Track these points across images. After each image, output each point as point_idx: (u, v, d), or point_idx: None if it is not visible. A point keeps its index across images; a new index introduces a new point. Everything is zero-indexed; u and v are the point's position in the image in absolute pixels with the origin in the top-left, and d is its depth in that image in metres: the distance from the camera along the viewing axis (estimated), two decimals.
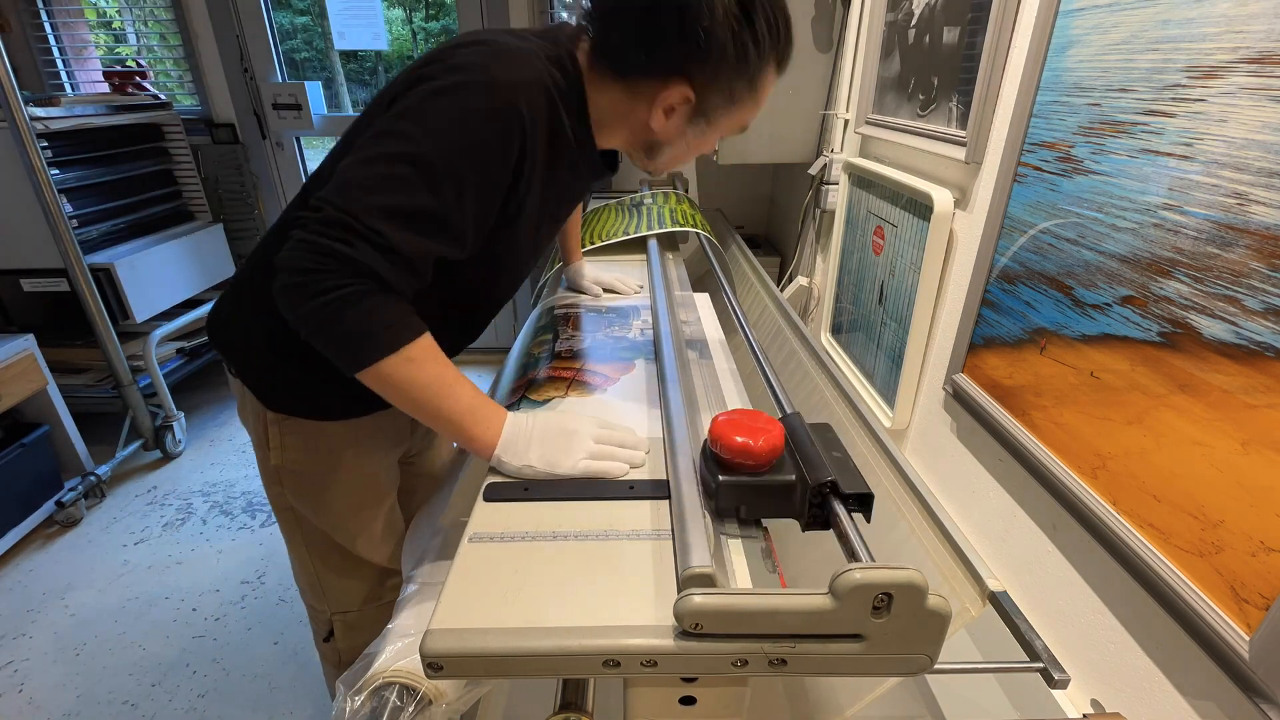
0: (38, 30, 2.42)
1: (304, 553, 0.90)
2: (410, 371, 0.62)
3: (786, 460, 0.60)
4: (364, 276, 0.58)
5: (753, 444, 0.56)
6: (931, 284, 1.04)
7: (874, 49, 1.28)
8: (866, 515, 0.58)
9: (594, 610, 0.50)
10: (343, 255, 0.57)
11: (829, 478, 0.56)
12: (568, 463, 0.65)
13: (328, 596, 0.94)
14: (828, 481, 0.56)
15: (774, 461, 0.58)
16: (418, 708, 0.58)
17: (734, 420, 0.59)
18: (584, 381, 0.85)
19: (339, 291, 0.58)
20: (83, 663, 1.48)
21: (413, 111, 0.61)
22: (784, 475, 0.58)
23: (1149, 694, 0.65)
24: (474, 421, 0.65)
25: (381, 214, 0.58)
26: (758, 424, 0.59)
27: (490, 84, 0.61)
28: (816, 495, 0.57)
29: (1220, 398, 0.56)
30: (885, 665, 0.46)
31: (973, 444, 0.97)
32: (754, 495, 0.58)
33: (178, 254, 2.31)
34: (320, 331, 0.60)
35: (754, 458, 0.57)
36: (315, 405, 0.80)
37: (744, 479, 0.58)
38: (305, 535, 0.89)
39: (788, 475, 0.58)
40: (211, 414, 2.54)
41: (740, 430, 0.57)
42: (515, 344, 1.06)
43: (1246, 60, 0.54)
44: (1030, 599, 0.84)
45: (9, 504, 1.77)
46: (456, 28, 2.44)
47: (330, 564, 0.91)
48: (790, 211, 2.03)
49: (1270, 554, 0.51)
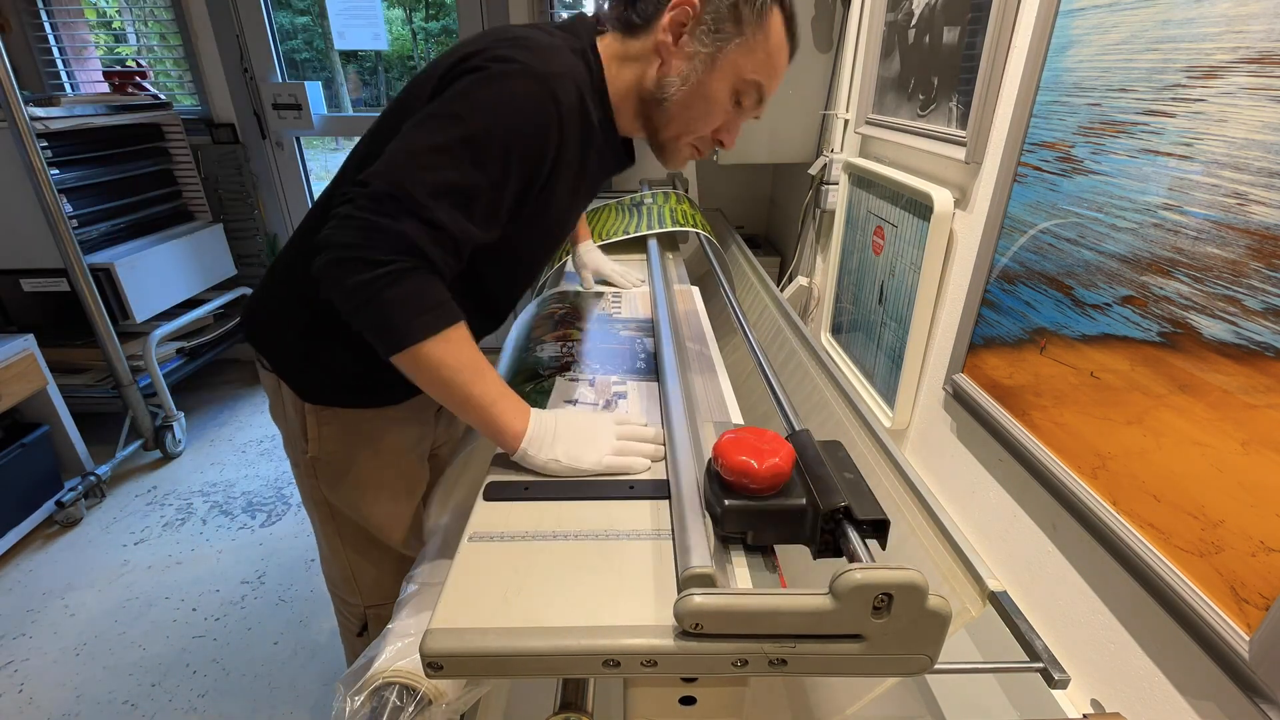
0: (38, 30, 2.42)
1: (338, 545, 0.91)
2: (446, 355, 0.62)
3: (796, 482, 0.56)
4: (409, 254, 0.59)
5: (761, 466, 0.53)
6: (931, 284, 1.04)
7: (874, 49, 1.28)
8: (882, 542, 0.55)
9: (594, 610, 0.50)
10: (389, 230, 0.58)
11: (842, 503, 0.52)
12: (591, 458, 0.66)
13: (361, 590, 0.95)
14: (841, 507, 0.52)
15: (783, 484, 0.55)
16: (418, 708, 0.58)
17: (740, 439, 0.55)
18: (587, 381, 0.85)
19: (385, 268, 0.58)
20: (83, 663, 1.48)
21: (460, 96, 0.63)
22: (794, 499, 0.54)
23: (1149, 694, 0.65)
24: (502, 411, 0.65)
25: (432, 189, 0.59)
26: (765, 443, 0.55)
27: (532, 73, 0.64)
28: (829, 521, 0.53)
29: (1220, 398, 0.56)
30: (885, 665, 0.46)
31: (973, 444, 0.97)
32: (762, 520, 0.55)
33: (178, 254, 2.31)
34: (363, 309, 0.60)
35: (762, 480, 0.53)
36: (353, 392, 0.81)
37: (751, 503, 0.54)
38: (340, 528, 0.90)
39: (798, 499, 0.54)
40: (211, 414, 2.54)
41: (747, 450, 0.54)
42: (509, 337, 1.05)
43: (1246, 60, 0.54)
44: (1030, 599, 0.84)
45: (9, 504, 1.76)
46: (456, 28, 2.44)
47: (365, 556, 0.92)
48: (790, 211, 2.03)
49: (1270, 554, 0.51)
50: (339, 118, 2.55)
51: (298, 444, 0.84)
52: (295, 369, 0.81)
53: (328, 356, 0.78)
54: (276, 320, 0.81)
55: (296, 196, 2.68)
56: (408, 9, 3.42)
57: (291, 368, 0.81)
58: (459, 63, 0.66)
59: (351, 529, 0.90)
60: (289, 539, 1.87)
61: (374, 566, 0.93)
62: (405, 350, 0.60)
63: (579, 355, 0.93)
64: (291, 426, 0.84)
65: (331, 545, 0.92)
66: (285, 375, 0.81)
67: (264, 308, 0.83)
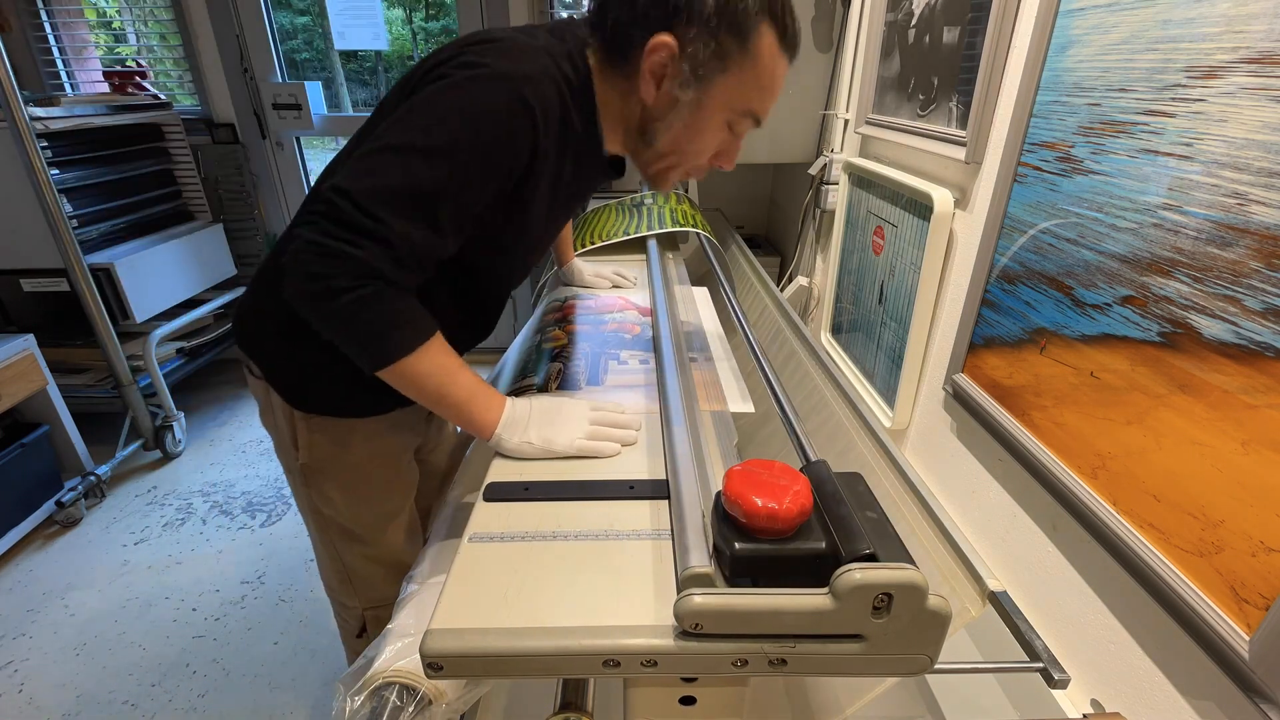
0: (38, 30, 2.42)
1: (334, 549, 0.91)
2: (420, 364, 0.65)
3: (814, 524, 0.51)
4: (371, 278, 0.60)
5: (777, 507, 0.48)
6: (931, 284, 1.04)
7: (874, 49, 1.28)
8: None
9: (594, 610, 0.50)
10: (350, 256, 0.58)
11: (867, 550, 0.47)
12: (563, 440, 0.69)
13: (359, 592, 0.95)
14: (865, 554, 0.47)
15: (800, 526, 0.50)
16: (418, 708, 0.58)
17: (751, 474, 0.51)
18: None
19: (351, 294, 0.59)
20: (83, 663, 1.48)
21: (422, 105, 0.62)
22: (812, 543, 0.49)
23: (1149, 694, 0.65)
24: (475, 404, 0.69)
25: (384, 198, 0.59)
26: (779, 480, 0.50)
27: (499, 77, 0.62)
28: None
29: (1220, 398, 0.56)
30: (885, 665, 0.46)
31: (973, 444, 0.97)
32: (775, 567, 0.50)
33: (178, 254, 2.31)
34: (340, 335, 0.63)
35: (778, 523, 0.48)
36: (345, 402, 0.81)
37: (764, 547, 0.49)
38: (334, 532, 0.90)
39: (816, 543, 0.49)
40: (211, 414, 2.54)
41: (760, 489, 0.49)
42: (513, 344, 1.06)
43: (1246, 60, 0.54)
44: (1030, 599, 0.84)
45: (9, 504, 1.76)
46: (456, 28, 2.44)
47: (361, 559, 0.92)
48: (790, 211, 2.02)
49: (1270, 554, 0.51)
50: (339, 118, 2.55)
51: (289, 451, 0.84)
52: (285, 377, 0.80)
53: (316, 366, 0.77)
54: (264, 329, 0.80)
55: (296, 196, 2.69)
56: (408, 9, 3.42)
57: (281, 376, 0.80)
58: (429, 71, 0.65)
59: (346, 533, 0.89)
60: (289, 539, 1.86)
61: (370, 569, 0.92)
62: (385, 368, 0.64)
63: (580, 355, 0.93)
64: (282, 433, 0.84)
65: (327, 549, 0.92)
66: (275, 382, 0.80)
67: (252, 318, 0.82)
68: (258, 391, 0.84)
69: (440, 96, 0.62)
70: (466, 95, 0.62)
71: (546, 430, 0.69)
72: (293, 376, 0.80)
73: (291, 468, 0.86)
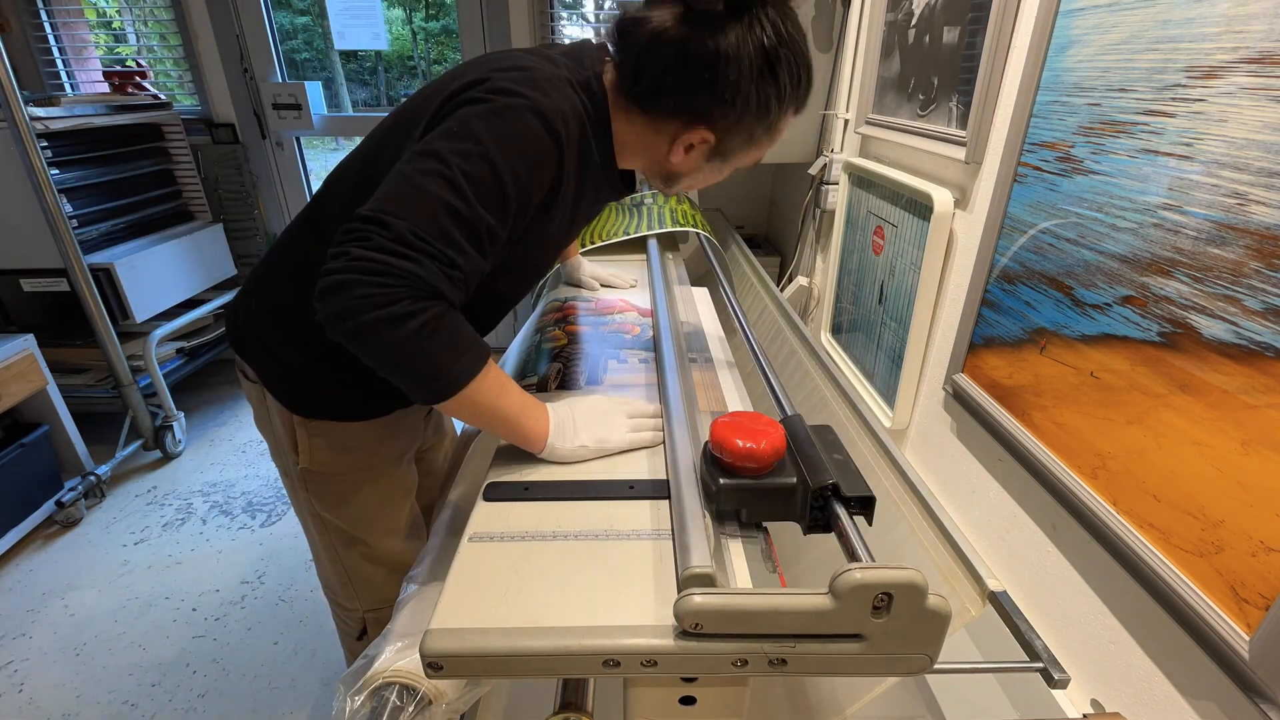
0: (38, 30, 2.42)
1: (333, 552, 0.91)
2: (480, 386, 0.63)
3: (788, 463, 0.59)
4: (433, 297, 0.58)
5: (754, 446, 0.56)
6: (931, 284, 1.04)
7: (874, 49, 1.28)
8: (868, 518, 0.58)
9: (594, 610, 0.50)
10: (410, 274, 0.56)
11: (830, 480, 0.56)
12: (616, 438, 0.70)
13: (359, 595, 0.95)
14: (829, 484, 0.56)
15: (775, 464, 0.58)
16: (418, 708, 0.58)
17: (734, 422, 0.59)
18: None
19: (417, 319, 0.57)
20: (83, 663, 1.48)
21: (464, 130, 0.61)
22: (785, 478, 0.58)
23: (1149, 694, 0.65)
24: (525, 416, 0.68)
25: (442, 226, 0.58)
26: (758, 426, 0.58)
27: (536, 109, 0.62)
28: (818, 498, 0.56)
29: (1220, 398, 0.56)
30: (885, 665, 0.46)
31: (973, 444, 0.97)
32: (755, 498, 0.58)
33: (178, 254, 2.31)
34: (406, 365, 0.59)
35: (755, 460, 0.57)
36: (344, 406, 0.80)
37: (745, 482, 0.57)
38: (334, 536, 0.90)
39: (789, 478, 0.58)
40: (211, 414, 2.54)
41: (741, 433, 0.57)
42: (513, 343, 1.06)
43: (1246, 60, 0.54)
44: (1030, 599, 0.84)
45: (9, 504, 1.76)
46: (456, 28, 2.44)
47: (361, 562, 0.92)
48: (790, 211, 2.02)
49: (1270, 554, 0.51)
50: (339, 118, 2.55)
51: (287, 456, 0.83)
52: (282, 382, 0.79)
53: (315, 371, 0.76)
54: (260, 333, 0.79)
55: (296, 196, 2.68)
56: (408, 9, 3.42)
57: (278, 380, 0.79)
58: (461, 90, 0.64)
59: (346, 536, 0.89)
60: (289, 539, 1.86)
61: (371, 570, 0.92)
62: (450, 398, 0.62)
63: (580, 355, 0.93)
64: (279, 438, 0.83)
65: (328, 552, 0.92)
66: (272, 387, 0.79)
67: (249, 325, 0.80)
68: (253, 396, 0.83)
69: (481, 122, 0.61)
70: (508, 124, 0.62)
71: (598, 430, 0.70)
72: (290, 381, 0.79)
73: (290, 472, 0.85)
